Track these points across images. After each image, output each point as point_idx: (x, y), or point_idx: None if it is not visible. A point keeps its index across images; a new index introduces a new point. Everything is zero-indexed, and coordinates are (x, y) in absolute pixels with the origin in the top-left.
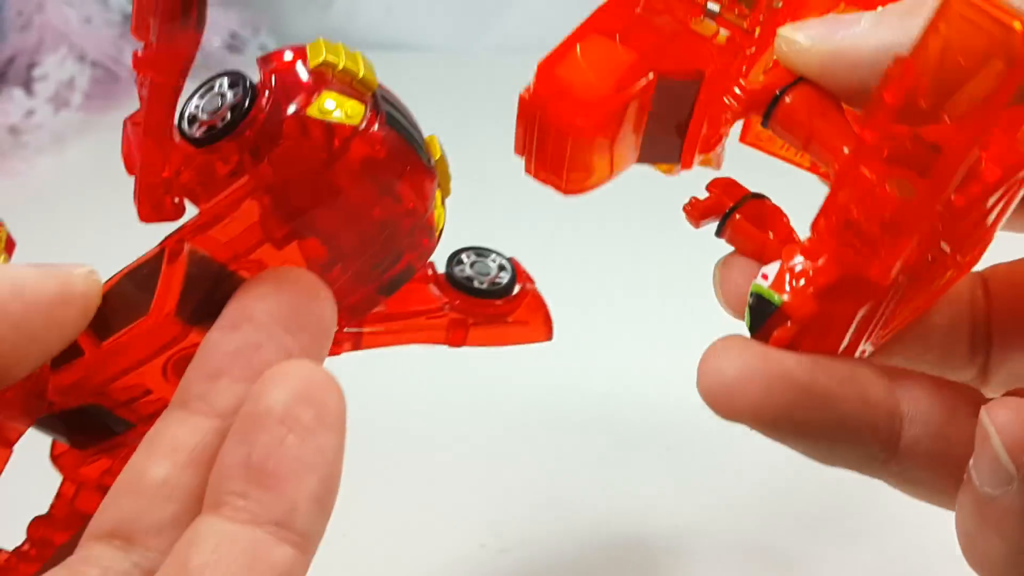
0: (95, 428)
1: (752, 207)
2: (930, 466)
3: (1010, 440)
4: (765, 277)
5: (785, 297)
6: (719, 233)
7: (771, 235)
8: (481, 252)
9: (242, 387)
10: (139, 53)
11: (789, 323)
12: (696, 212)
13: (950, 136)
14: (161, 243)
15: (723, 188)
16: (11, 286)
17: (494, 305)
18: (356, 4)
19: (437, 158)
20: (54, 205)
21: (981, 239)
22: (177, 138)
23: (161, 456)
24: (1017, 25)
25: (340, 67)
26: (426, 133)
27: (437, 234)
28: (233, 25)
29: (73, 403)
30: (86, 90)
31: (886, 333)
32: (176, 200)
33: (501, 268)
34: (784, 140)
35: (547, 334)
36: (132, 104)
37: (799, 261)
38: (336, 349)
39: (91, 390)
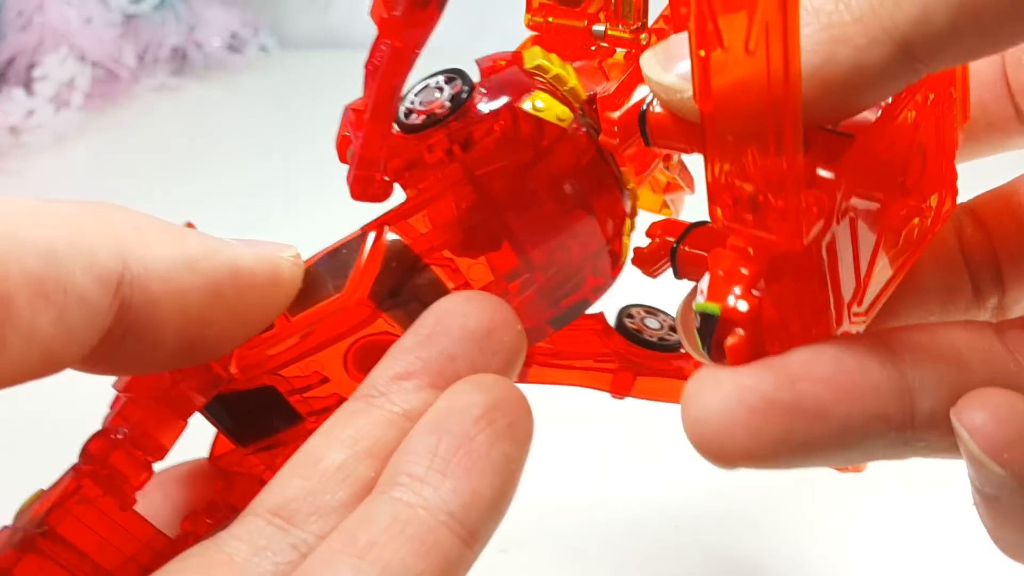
0: (262, 419)
1: (697, 235)
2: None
3: (987, 442)
4: (700, 293)
5: (721, 305)
6: (677, 275)
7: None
8: (651, 310)
9: (431, 393)
10: (385, 17)
11: (739, 331)
12: (644, 260)
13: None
14: (363, 227)
15: (663, 229)
16: (229, 269)
17: (665, 359)
18: (356, 4)
19: (630, 187)
20: None
21: (941, 180)
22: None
23: (340, 443)
24: None
25: (553, 73)
26: None
27: (620, 267)
28: (233, 25)
29: (251, 382)
30: (86, 90)
31: (874, 302)
32: (386, 178)
33: (671, 328)
34: (675, 151)
35: None
36: (132, 104)
37: (725, 263)
38: None
39: (272, 368)
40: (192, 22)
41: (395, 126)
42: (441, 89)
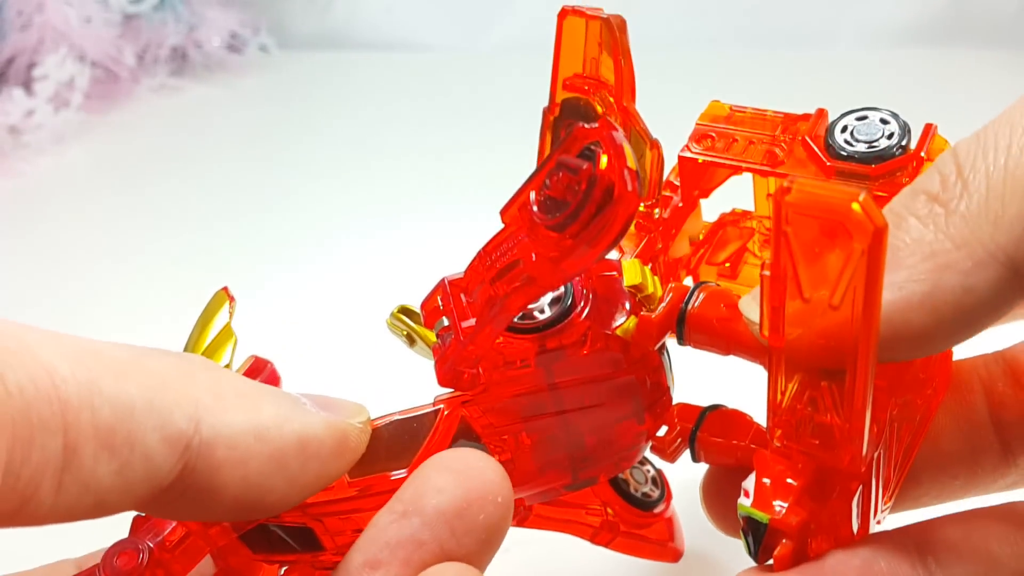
0: (287, 544)
1: (712, 421)
2: None
3: None
4: (747, 494)
5: (770, 515)
6: (694, 458)
7: (739, 442)
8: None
9: None
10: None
11: (785, 540)
12: (663, 447)
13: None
14: (436, 401)
15: (679, 416)
16: (297, 440)
17: (643, 517)
18: (356, 4)
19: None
20: (54, 205)
21: (942, 360)
22: None
23: None
24: (856, 207)
25: (647, 293)
26: (426, 132)
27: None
28: (233, 25)
29: (293, 521)
30: (86, 90)
31: (892, 489)
32: (476, 371)
33: (654, 481)
34: (704, 348)
35: (676, 558)
36: (132, 104)
37: (772, 469)
38: None
39: (316, 514)
40: (192, 22)
41: None
42: (542, 311)
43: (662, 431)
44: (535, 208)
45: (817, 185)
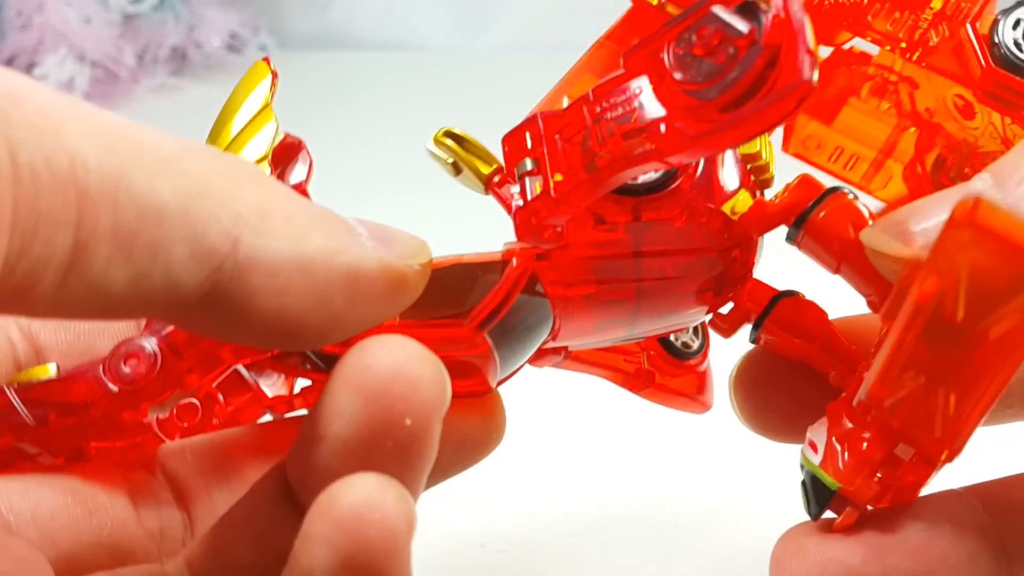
0: (317, 365)
1: (784, 310)
2: None
3: None
4: (813, 447)
5: (841, 483)
6: (752, 340)
7: (808, 343)
8: None
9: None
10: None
11: (850, 508)
12: (725, 326)
13: (988, 353)
14: (506, 253)
15: (748, 294)
16: (345, 276)
17: (679, 367)
18: (356, 4)
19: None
20: None
21: None
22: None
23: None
24: None
25: (761, 162)
26: (426, 132)
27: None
28: (233, 25)
29: (331, 351)
30: (86, 90)
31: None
32: (558, 227)
33: (695, 330)
34: (811, 257)
35: (704, 410)
36: (132, 104)
37: (846, 429)
38: (540, 362)
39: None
40: (192, 22)
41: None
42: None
43: (727, 307)
44: (669, 59)
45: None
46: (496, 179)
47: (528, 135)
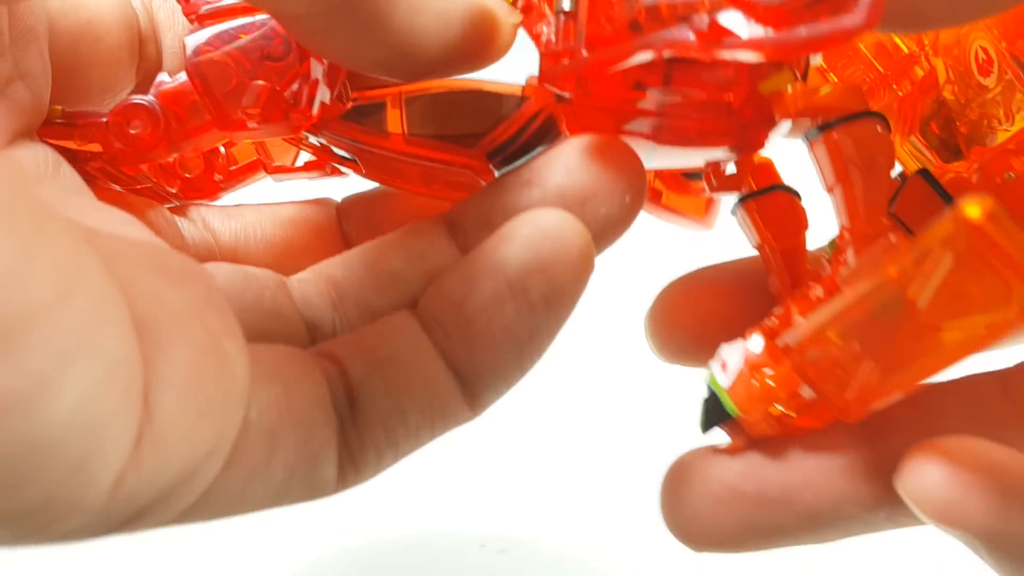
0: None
1: (776, 200)
2: None
3: (937, 510)
4: (723, 367)
5: (745, 416)
6: (732, 211)
7: (776, 240)
8: None
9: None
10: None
11: (742, 434)
12: (716, 183)
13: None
14: (528, 87)
15: (753, 169)
16: (467, 10)
17: (689, 188)
18: None
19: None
20: None
21: None
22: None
23: (405, 254)
24: None
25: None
26: None
27: None
28: None
29: (339, 145)
30: None
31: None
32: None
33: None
34: (814, 162)
35: (708, 227)
36: None
37: (759, 363)
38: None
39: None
40: None
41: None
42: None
43: (731, 168)
44: None
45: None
46: (520, 3)
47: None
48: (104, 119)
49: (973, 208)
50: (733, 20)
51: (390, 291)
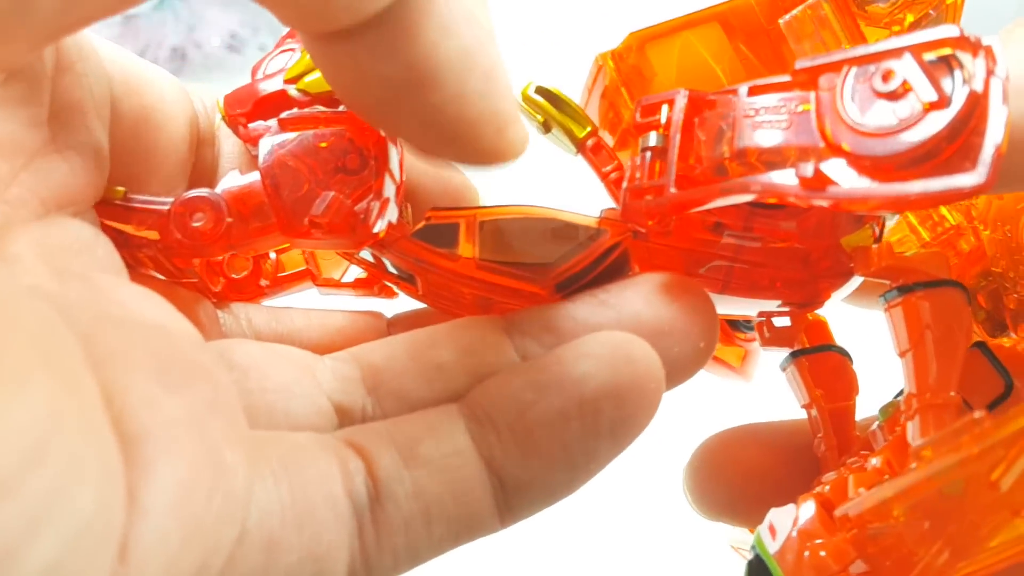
0: (396, 272)
1: (828, 360)
2: None
3: None
4: (772, 532)
5: None
6: (782, 366)
7: (826, 400)
8: None
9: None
10: None
11: None
12: (769, 335)
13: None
14: (603, 221)
15: (807, 326)
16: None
17: (730, 336)
18: None
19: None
20: None
21: None
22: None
23: (453, 345)
24: None
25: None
26: None
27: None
28: (233, 25)
29: (405, 267)
30: None
31: None
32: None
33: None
34: (890, 326)
35: (747, 379)
36: None
37: (812, 533)
38: None
39: (423, 268)
40: (192, 22)
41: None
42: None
43: (785, 321)
44: (844, 88)
45: None
46: (590, 143)
47: (665, 108)
48: (166, 207)
49: None
50: (838, 169)
51: (434, 383)
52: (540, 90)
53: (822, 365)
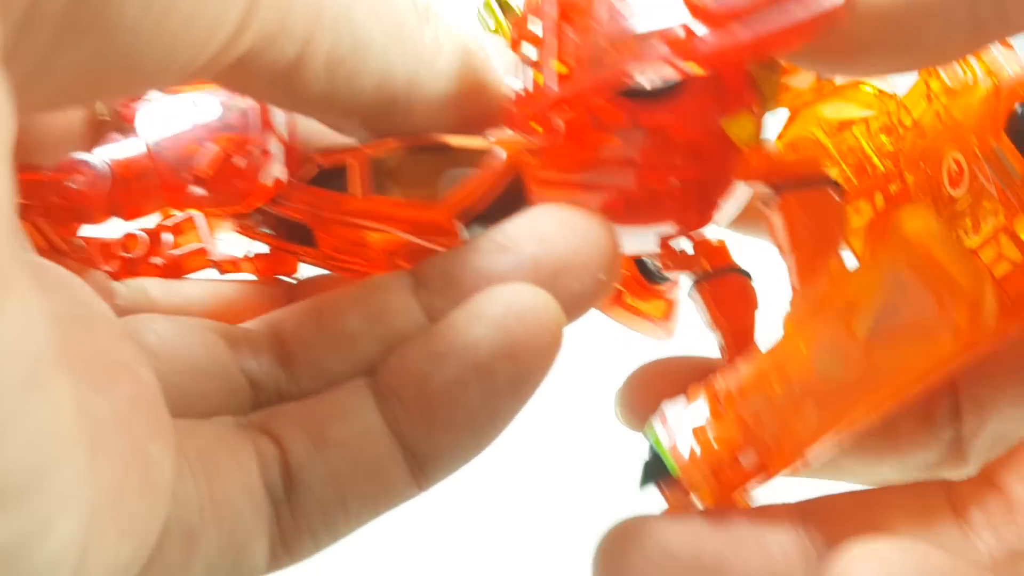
0: (285, 230)
1: (728, 284)
2: None
3: None
4: (664, 422)
5: (687, 478)
6: (689, 295)
7: (727, 322)
8: None
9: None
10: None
11: (681, 496)
12: (671, 262)
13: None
14: (494, 141)
15: (707, 251)
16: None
17: (649, 289)
18: None
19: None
20: None
21: None
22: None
23: (363, 312)
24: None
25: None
26: None
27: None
28: None
29: (294, 214)
30: None
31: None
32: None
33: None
34: (771, 225)
35: (667, 336)
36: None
37: (703, 423)
38: None
39: (325, 220)
40: None
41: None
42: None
43: (689, 248)
44: None
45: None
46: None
47: (531, 16)
48: (43, 172)
49: (911, 221)
50: (705, 31)
51: (345, 354)
52: (499, 2)
53: (722, 290)
